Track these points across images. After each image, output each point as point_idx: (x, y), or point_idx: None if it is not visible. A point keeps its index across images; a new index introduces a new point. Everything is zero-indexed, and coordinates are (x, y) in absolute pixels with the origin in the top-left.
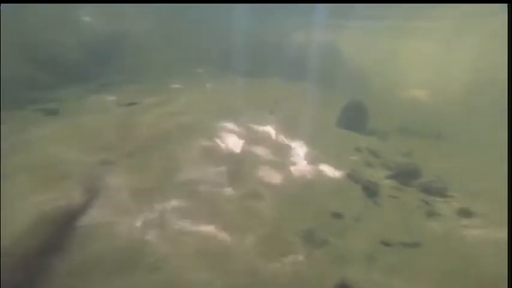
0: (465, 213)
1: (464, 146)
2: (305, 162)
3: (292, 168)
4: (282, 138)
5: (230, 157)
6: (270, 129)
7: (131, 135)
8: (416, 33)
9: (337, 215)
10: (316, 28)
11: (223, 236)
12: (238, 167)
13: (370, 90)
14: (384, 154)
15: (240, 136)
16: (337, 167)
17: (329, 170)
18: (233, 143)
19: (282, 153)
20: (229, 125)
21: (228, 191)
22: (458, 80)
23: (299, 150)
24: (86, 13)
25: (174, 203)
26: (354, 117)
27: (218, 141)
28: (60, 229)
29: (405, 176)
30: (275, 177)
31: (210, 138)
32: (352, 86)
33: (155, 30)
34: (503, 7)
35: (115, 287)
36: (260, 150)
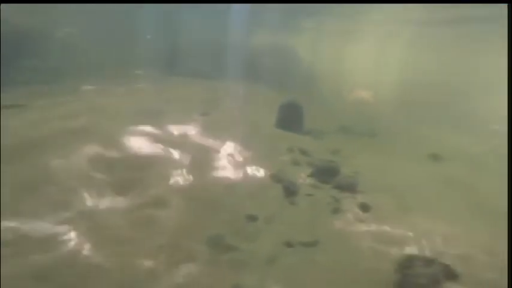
0: (364, 208)
1: (391, 143)
2: (229, 164)
3: (213, 171)
4: (208, 140)
5: (130, 163)
6: (194, 131)
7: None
8: (359, 35)
9: (252, 218)
10: (268, 28)
11: (104, 252)
12: (140, 174)
13: (318, 90)
14: (313, 153)
15: (153, 140)
16: (263, 167)
17: (254, 172)
18: (140, 147)
19: (204, 157)
20: (142, 129)
21: (119, 201)
22: (394, 80)
23: (226, 152)
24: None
25: (33, 224)
26: (291, 117)
27: (116, 146)
28: None
29: (324, 173)
30: (188, 182)
31: (103, 144)
32: (301, 86)
33: (88, 30)
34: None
35: None
36: (177, 154)
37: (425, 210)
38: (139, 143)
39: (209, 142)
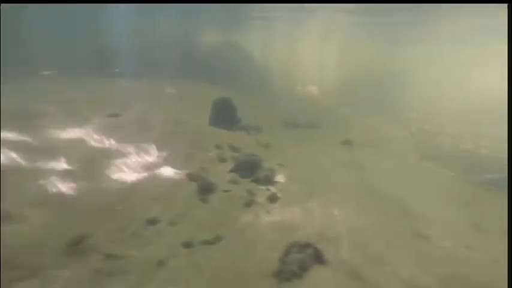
0: (272, 199)
1: (322, 133)
2: (135, 167)
3: (109, 176)
4: (110, 144)
5: None
6: (91, 135)
7: None
8: (304, 33)
9: (152, 221)
10: (217, 27)
11: None
12: None
13: (269, 87)
14: (244, 148)
15: (15, 148)
16: (179, 167)
17: (166, 172)
18: None
19: (99, 162)
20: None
21: None
22: (336, 76)
23: (133, 154)
24: None
25: None
26: (224, 114)
27: None
28: None
29: (245, 168)
30: (59, 193)
31: None
32: (251, 83)
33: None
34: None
35: None
36: (51, 162)
37: (325, 196)
38: None
39: (110, 145)
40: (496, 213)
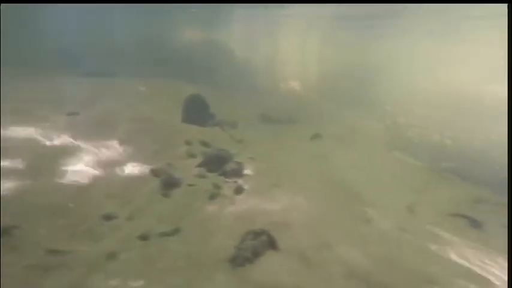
0: (238, 191)
1: (298, 128)
2: (93, 165)
3: (64, 175)
4: (70, 141)
5: None
6: (45, 133)
7: None
8: (284, 29)
9: (109, 217)
10: (197, 24)
11: None
12: None
13: (249, 83)
14: (215, 143)
15: None
16: (143, 163)
17: (130, 170)
18: None
19: (53, 160)
20: None
21: None
22: (317, 72)
23: (94, 153)
24: None
25: None
26: (196, 111)
27: None
28: None
29: (213, 162)
30: (8, 190)
31: None
32: (231, 79)
33: None
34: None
35: None
36: (3, 162)
37: (288, 187)
38: None
39: (66, 143)
40: (442, 198)
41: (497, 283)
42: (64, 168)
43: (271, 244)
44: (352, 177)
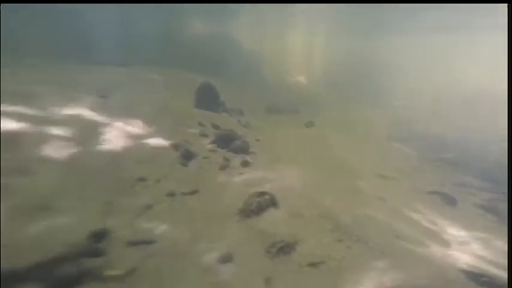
0: (245, 164)
1: (304, 118)
2: (127, 138)
3: (104, 144)
4: (104, 119)
5: None
6: (86, 112)
7: None
8: (291, 23)
9: (141, 179)
10: (206, 16)
11: None
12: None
13: (257, 74)
14: (225, 126)
15: (24, 118)
16: (165, 139)
17: (154, 143)
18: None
19: (95, 132)
20: (7, 108)
21: None
22: (323, 66)
23: (124, 128)
24: None
25: None
26: (208, 98)
27: None
28: None
29: (223, 140)
30: (67, 154)
31: None
32: (240, 71)
33: None
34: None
35: None
36: (55, 130)
37: (289, 162)
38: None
39: (106, 120)
40: (426, 180)
41: (452, 244)
42: (102, 138)
43: (273, 202)
44: (346, 156)
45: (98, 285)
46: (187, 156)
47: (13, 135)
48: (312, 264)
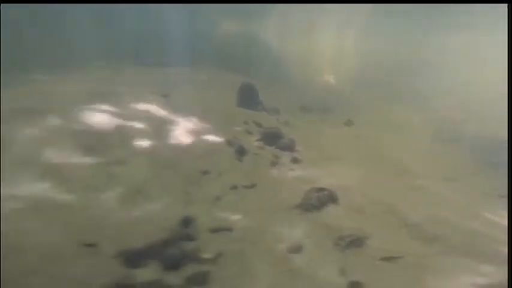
0: (295, 161)
1: (335, 116)
2: (188, 133)
3: (173, 138)
4: (169, 116)
5: (91, 132)
6: (155, 109)
7: None
8: (324, 23)
9: (206, 172)
10: (236, 18)
11: (72, 193)
12: (102, 140)
13: (285, 75)
14: (266, 124)
15: (112, 115)
16: (219, 135)
17: (211, 139)
18: (98, 120)
19: (164, 128)
20: (98, 106)
21: (83, 159)
22: (352, 64)
23: (185, 124)
24: None
25: (6, 171)
26: (248, 97)
27: (74, 119)
28: None
29: (269, 138)
30: (149, 147)
31: (62, 118)
32: (268, 71)
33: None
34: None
35: None
36: (136, 126)
37: (339, 160)
38: (99, 118)
39: (171, 117)
40: (489, 183)
41: None
42: (171, 133)
43: (332, 198)
44: (397, 156)
45: (196, 266)
46: (241, 152)
47: (110, 129)
48: (388, 259)
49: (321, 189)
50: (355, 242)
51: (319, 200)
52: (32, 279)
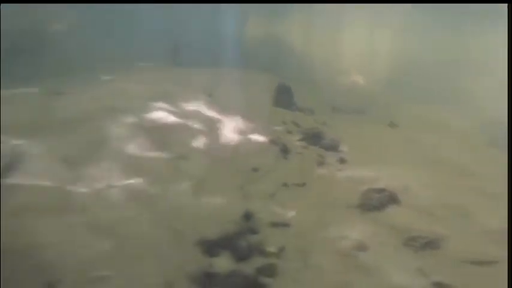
0: (342, 161)
1: (372, 118)
2: (236, 132)
3: (222, 137)
4: (217, 115)
5: (159, 129)
6: (204, 108)
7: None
8: (348, 21)
9: (256, 169)
10: (259, 19)
11: (154, 185)
12: (167, 136)
13: (311, 75)
14: (304, 124)
15: (172, 113)
16: (264, 135)
17: (256, 138)
18: (163, 118)
19: (214, 126)
20: (161, 105)
21: (157, 154)
22: (383, 64)
23: (231, 123)
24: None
25: (103, 164)
26: (284, 98)
27: (146, 117)
28: None
29: (311, 138)
30: (204, 144)
31: (137, 116)
32: (295, 71)
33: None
34: None
35: None
36: (192, 124)
37: (389, 161)
38: (162, 115)
39: (218, 116)
40: None
41: None
42: (221, 132)
43: (393, 199)
44: (456, 158)
45: (263, 259)
46: (286, 151)
47: (172, 126)
48: (477, 262)
49: (381, 190)
50: (430, 244)
51: (380, 200)
52: (135, 265)
